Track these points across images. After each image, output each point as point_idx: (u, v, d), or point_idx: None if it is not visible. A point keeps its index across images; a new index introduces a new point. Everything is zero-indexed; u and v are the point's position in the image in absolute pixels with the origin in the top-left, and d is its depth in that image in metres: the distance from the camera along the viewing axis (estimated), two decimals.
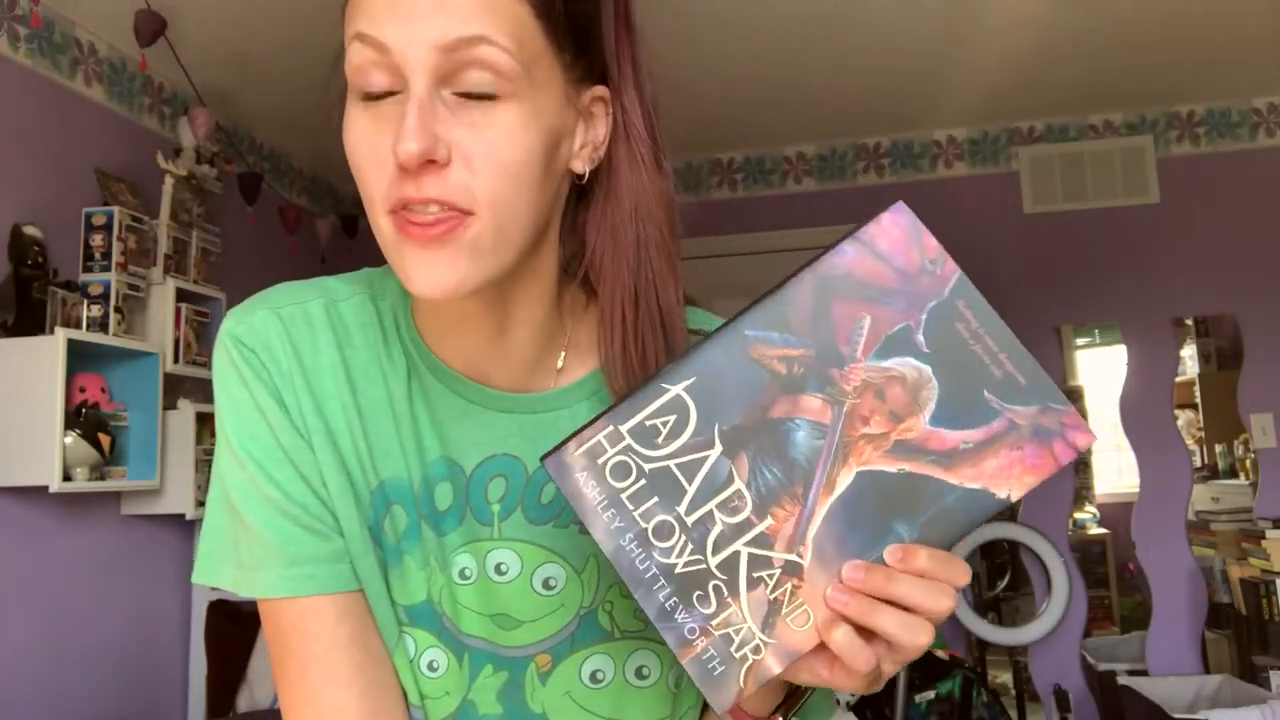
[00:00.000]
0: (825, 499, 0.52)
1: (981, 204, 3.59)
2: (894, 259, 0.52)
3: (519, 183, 0.57)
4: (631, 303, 0.63)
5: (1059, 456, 0.52)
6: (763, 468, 0.52)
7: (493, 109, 0.56)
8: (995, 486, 0.52)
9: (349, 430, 0.64)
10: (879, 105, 3.38)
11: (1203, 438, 3.69)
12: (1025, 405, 0.52)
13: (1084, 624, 3.42)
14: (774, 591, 0.52)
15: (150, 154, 2.58)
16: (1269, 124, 3.46)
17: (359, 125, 0.57)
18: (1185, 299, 3.44)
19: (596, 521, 0.52)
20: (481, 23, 0.55)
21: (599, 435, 0.52)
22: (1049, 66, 3.08)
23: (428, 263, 0.56)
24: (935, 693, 2.65)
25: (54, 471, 2.08)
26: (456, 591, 0.65)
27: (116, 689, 2.46)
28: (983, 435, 0.52)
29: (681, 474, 0.52)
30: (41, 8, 2.31)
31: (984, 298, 0.52)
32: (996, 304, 0.52)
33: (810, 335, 0.52)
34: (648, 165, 0.64)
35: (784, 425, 0.52)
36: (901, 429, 0.52)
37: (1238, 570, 3.23)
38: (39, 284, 2.18)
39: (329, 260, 3.43)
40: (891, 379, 0.52)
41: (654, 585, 0.52)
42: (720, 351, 0.52)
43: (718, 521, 0.52)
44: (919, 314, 0.52)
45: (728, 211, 3.74)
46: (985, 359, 0.52)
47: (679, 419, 0.52)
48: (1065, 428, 0.52)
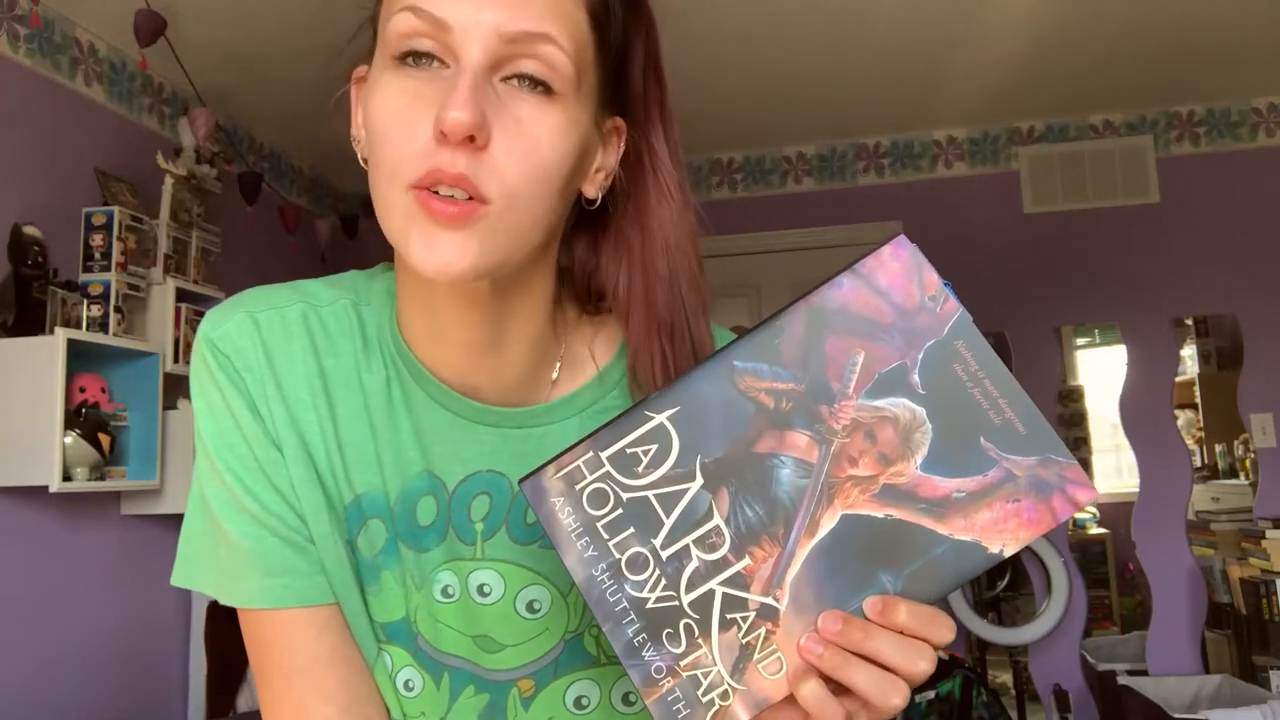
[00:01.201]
0: (807, 542, 0.50)
1: (981, 204, 3.59)
2: (892, 294, 0.50)
3: (545, 183, 0.56)
4: (668, 336, 0.63)
5: (1058, 512, 0.49)
6: (744, 504, 0.50)
7: (540, 105, 0.55)
8: (988, 540, 0.49)
9: (324, 442, 0.63)
10: (879, 105, 3.38)
11: (1203, 438, 3.69)
12: (1024, 455, 0.49)
13: (1084, 624, 3.42)
14: (746, 635, 0.49)
15: (150, 154, 2.58)
16: (1269, 124, 3.46)
17: (393, 90, 0.55)
18: (1185, 299, 3.44)
19: (570, 549, 0.50)
20: (550, 21, 0.55)
21: (578, 460, 0.51)
22: (1049, 66, 3.08)
23: (440, 243, 0.54)
24: (935, 692, 2.65)
25: (54, 471, 2.08)
26: (437, 610, 0.63)
27: (116, 689, 2.46)
28: (977, 485, 0.49)
29: (660, 505, 0.50)
30: (41, 8, 2.31)
31: (985, 339, 0.50)
32: (997, 304, 0.50)
33: (801, 369, 0.50)
34: (676, 201, 0.64)
35: (768, 461, 0.50)
36: (891, 473, 0.49)
37: (1238, 570, 3.24)
38: (39, 284, 2.18)
39: (329, 260, 3.42)
40: (883, 420, 0.50)
41: (624, 619, 0.50)
42: (707, 381, 0.50)
43: (694, 557, 0.50)
44: (915, 353, 0.50)
45: (728, 211, 3.74)
46: (984, 404, 0.50)
47: (661, 448, 0.50)
48: (1066, 481, 0.49)
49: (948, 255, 3.65)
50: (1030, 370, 3.47)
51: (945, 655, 2.77)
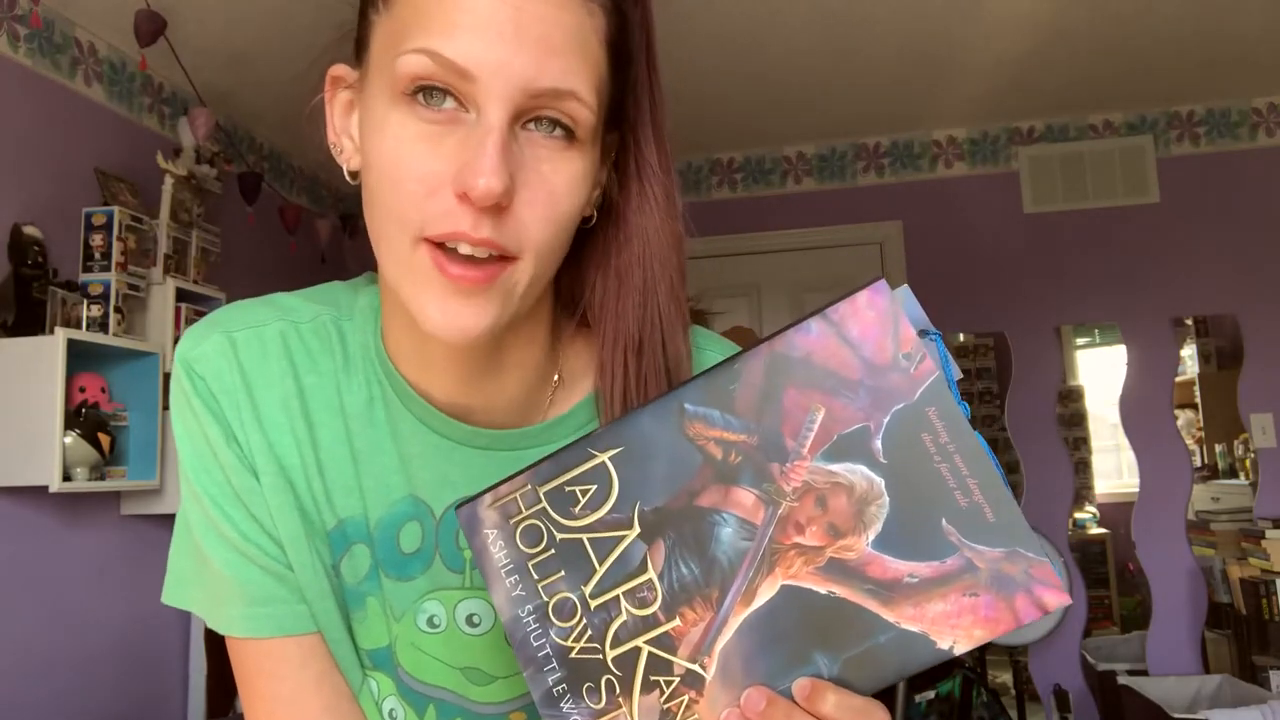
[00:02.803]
0: (742, 609, 0.46)
1: (981, 204, 3.59)
2: (863, 347, 0.45)
3: (564, 231, 0.54)
4: (635, 351, 0.59)
5: (1020, 614, 0.44)
6: (680, 561, 0.47)
7: (561, 153, 0.52)
8: (937, 634, 0.45)
9: (303, 467, 0.60)
10: (879, 105, 3.38)
11: (1203, 437, 3.69)
12: (989, 545, 0.44)
13: (1084, 624, 3.42)
14: (668, 701, 0.47)
15: (150, 154, 2.58)
16: (1269, 124, 3.46)
17: (407, 134, 0.51)
18: (1185, 299, 3.44)
19: (499, 585, 0.48)
20: (576, 76, 0.51)
21: (515, 493, 0.48)
22: (1049, 66, 3.08)
23: (458, 308, 0.51)
24: (935, 692, 2.65)
25: (54, 471, 2.08)
26: (421, 640, 0.61)
27: (116, 689, 2.46)
28: (932, 571, 0.45)
29: (593, 550, 0.47)
30: (41, 8, 2.31)
31: (960, 406, 0.45)
32: (997, 304, 0.47)
33: (755, 420, 0.46)
34: (660, 207, 0.60)
35: (710, 518, 0.46)
36: (840, 546, 0.45)
37: (1237, 570, 3.23)
38: (39, 284, 2.18)
39: (329, 260, 3.43)
40: (837, 486, 0.45)
41: (545, 666, 0.47)
42: (654, 422, 0.47)
43: (623, 610, 0.47)
44: (881, 415, 0.45)
45: (728, 211, 3.74)
46: (951, 481, 0.45)
47: (600, 489, 0.47)
48: (1033, 580, 0.44)
49: (948, 255, 3.67)
50: (1030, 370, 3.47)
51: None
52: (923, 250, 3.59)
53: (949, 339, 3.66)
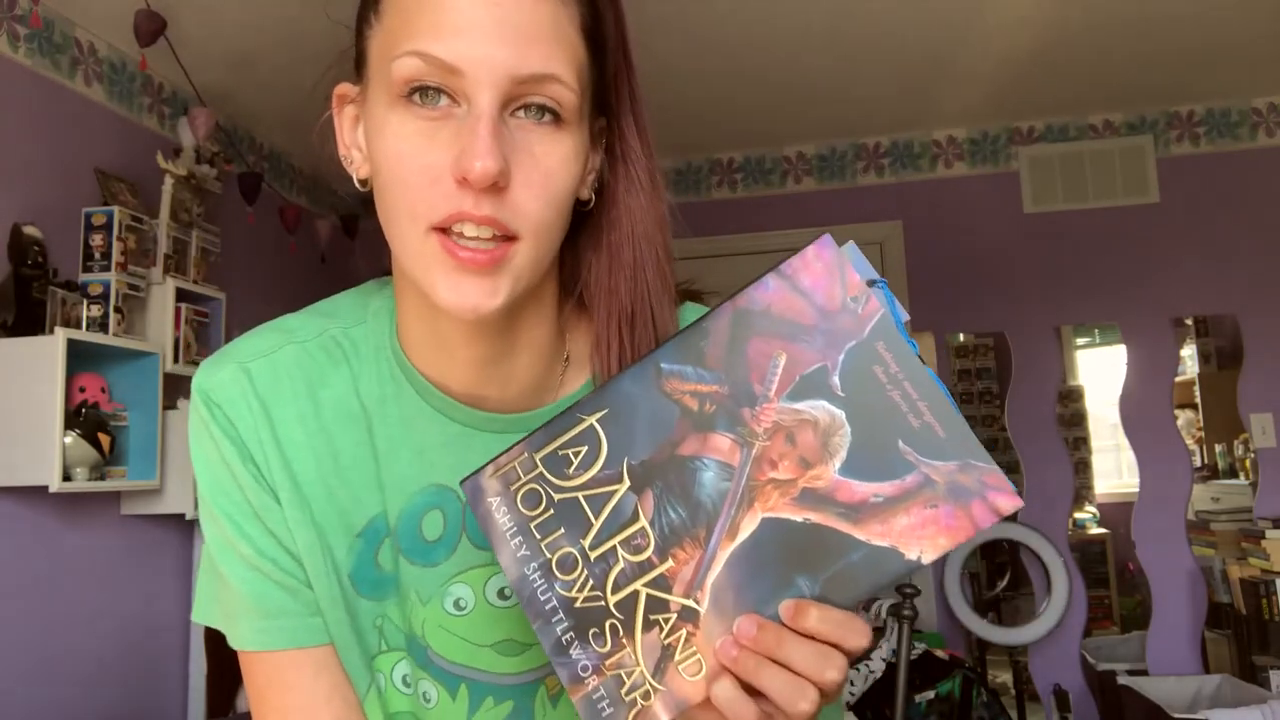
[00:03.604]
0: (727, 545, 0.50)
1: (981, 204, 3.59)
2: (815, 295, 0.50)
3: (561, 209, 0.58)
4: (629, 324, 0.63)
5: (977, 520, 0.48)
6: (668, 507, 0.51)
7: (550, 135, 0.56)
8: (905, 546, 0.49)
9: (322, 479, 0.64)
10: (879, 105, 3.38)
11: (1202, 437, 3.69)
12: (943, 460, 0.48)
13: (1084, 624, 3.42)
14: (668, 637, 0.50)
15: (150, 154, 2.58)
16: (1269, 124, 3.46)
17: (406, 131, 0.55)
18: (1185, 299, 3.44)
19: (504, 548, 0.52)
20: (556, 60, 0.55)
21: (514, 462, 0.52)
22: (1049, 66, 3.08)
23: (469, 287, 0.55)
24: (935, 692, 2.65)
25: (54, 471, 2.08)
26: (449, 623, 0.64)
27: (116, 689, 2.46)
28: (894, 490, 0.49)
29: (589, 507, 0.51)
30: (41, 8, 2.31)
31: (906, 339, 0.49)
32: (997, 304, 0.50)
33: (724, 372, 0.50)
34: (645, 188, 0.64)
35: (692, 464, 0.51)
36: (810, 476, 0.49)
37: (1237, 570, 3.23)
38: (39, 284, 2.18)
39: (329, 260, 3.42)
40: (803, 422, 0.49)
41: (553, 618, 0.51)
42: (634, 384, 0.51)
43: (620, 559, 0.51)
44: (836, 354, 0.49)
45: (728, 211, 3.74)
46: (903, 406, 0.49)
47: (590, 450, 0.52)
48: (986, 488, 0.48)
49: (948, 255, 3.68)
50: (1030, 370, 3.47)
51: (945, 655, 2.77)
52: (923, 250, 3.59)
53: (949, 339, 3.66)
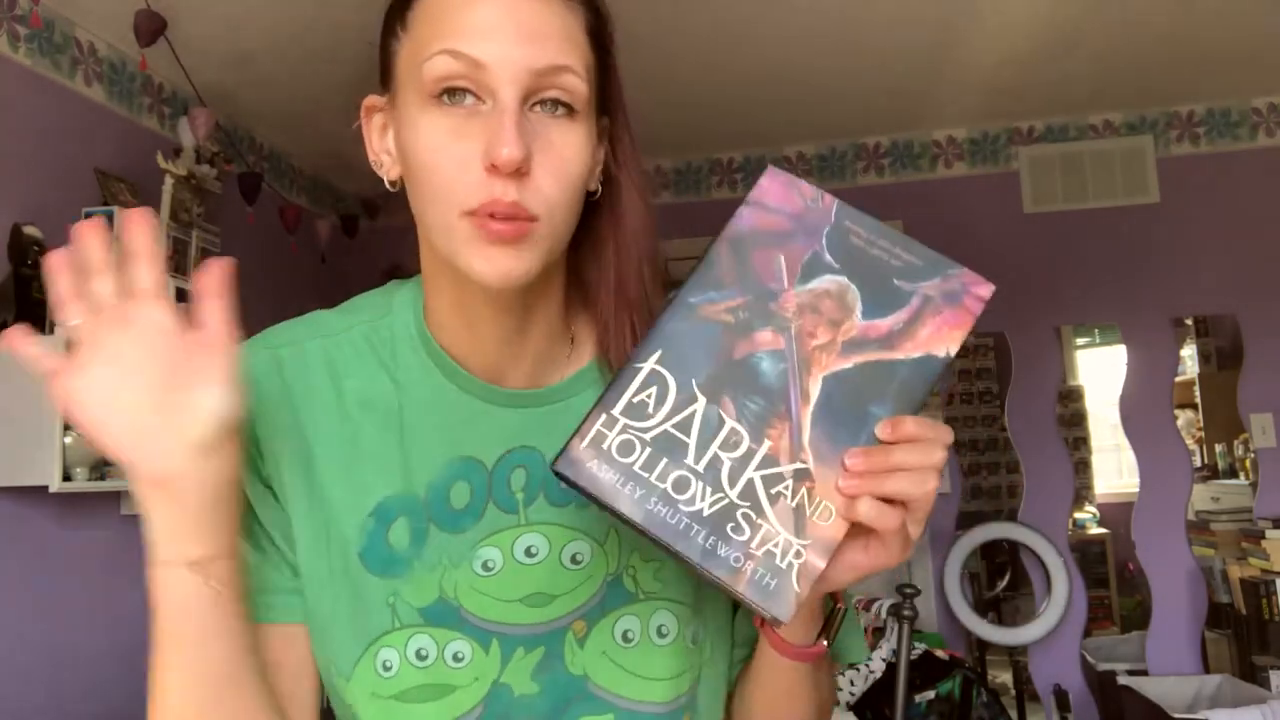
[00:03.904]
0: (806, 408, 0.58)
1: (981, 204, 3.59)
2: (783, 208, 0.61)
3: (574, 194, 0.65)
4: (636, 311, 0.70)
5: (971, 309, 0.60)
6: (745, 402, 0.58)
7: (566, 126, 0.64)
8: (934, 349, 0.59)
9: (338, 461, 0.69)
10: (879, 105, 3.38)
11: (1203, 437, 3.69)
12: (929, 280, 0.60)
13: (1084, 624, 3.42)
14: (794, 499, 0.57)
15: (150, 154, 2.58)
16: (1269, 124, 3.46)
17: (438, 127, 0.62)
18: (1185, 299, 3.44)
19: (620, 498, 0.57)
20: (568, 54, 0.63)
21: (596, 425, 0.58)
22: (1049, 66, 3.08)
23: (499, 256, 0.62)
24: (935, 693, 2.65)
25: (54, 471, 2.08)
26: (479, 583, 0.69)
27: (116, 689, 2.46)
28: (907, 314, 0.60)
29: (679, 432, 0.58)
30: (41, 8, 2.31)
31: (861, 210, 0.61)
32: (997, 304, 0.55)
33: (742, 285, 0.60)
34: (640, 190, 0.72)
35: (750, 361, 0.59)
36: (843, 331, 0.59)
37: (1237, 570, 3.24)
38: (39, 284, 2.18)
39: (329, 260, 3.42)
40: (820, 295, 0.60)
41: (690, 533, 0.56)
42: (674, 322, 0.59)
43: (724, 460, 0.57)
44: (819, 240, 0.61)
45: (728, 212, 3.71)
46: (884, 256, 0.61)
47: (660, 389, 0.58)
48: (967, 285, 0.60)
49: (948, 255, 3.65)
50: (1030, 370, 3.47)
51: (945, 655, 2.77)
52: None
53: None
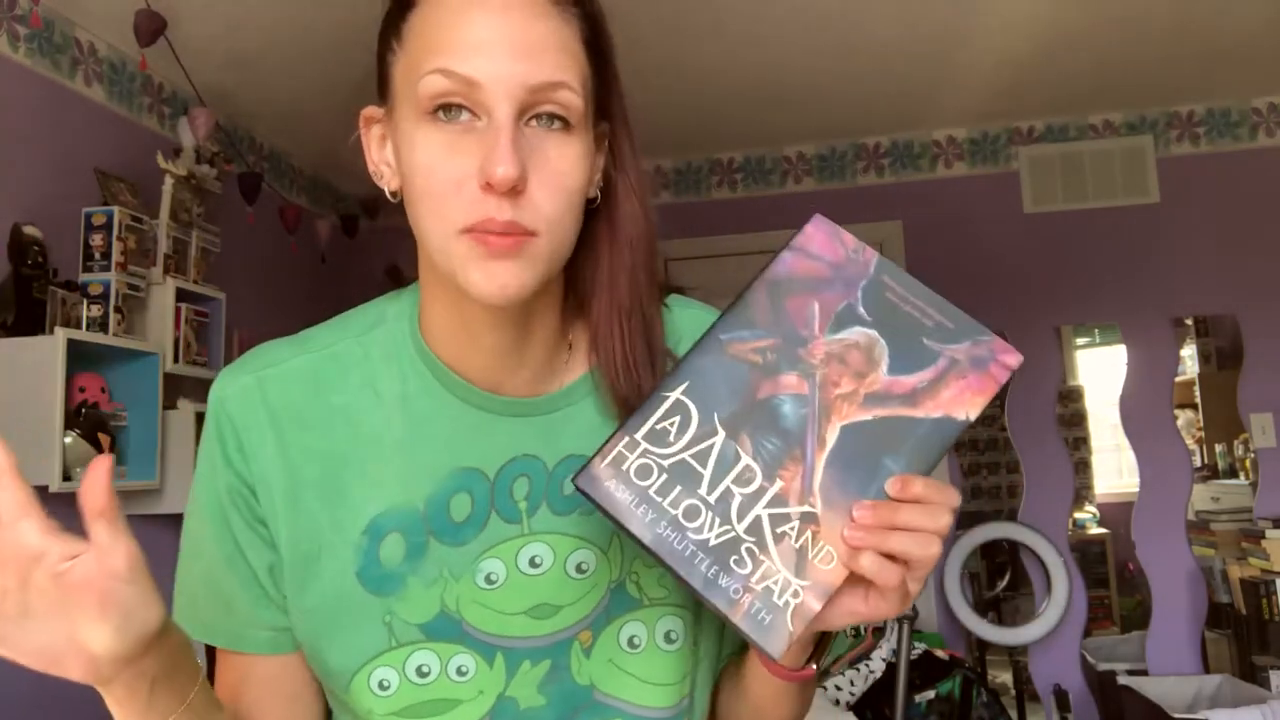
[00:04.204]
0: (821, 454, 0.60)
1: (981, 204, 3.59)
2: (824, 256, 0.62)
3: (572, 207, 0.64)
4: (627, 317, 0.70)
5: (997, 377, 0.61)
6: (762, 441, 0.60)
7: (562, 140, 0.63)
8: (955, 411, 0.60)
9: (327, 480, 0.69)
10: (879, 105, 3.38)
11: (1203, 437, 3.69)
12: (958, 343, 0.61)
13: (1084, 624, 3.42)
14: (798, 541, 0.59)
15: (150, 154, 2.58)
16: (1269, 124, 3.46)
17: (433, 144, 0.61)
18: (1185, 299, 3.44)
19: (632, 518, 0.59)
20: (563, 70, 0.62)
21: (619, 446, 0.60)
22: (1049, 66, 3.08)
23: (498, 271, 0.61)
24: (935, 693, 2.65)
25: (54, 471, 2.08)
26: (482, 596, 0.68)
27: None
28: (932, 374, 0.61)
29: (696, 462, 0.60)
30: (41, 8, 2.31)
31: (901, 268, 0.62)
32: (997, 304, 0.55)
33: (774, 327, 0.61)
34: (638, 192, 0.71)
35: (771, 403, 0.60)
36: (867, 383, 0.61)
37: (1238, 570, 3.23)
38: (39, 284, 2.18)
39: (329, 260, 3.42)
40: (848, 346, 0.61)
41: (694, 560, 0.58)
42: (704, 357, 0.61)
43: (736, 494, 0.59)
44: (855, 292, 0.62)
45: (728, 211, 3.74)
46: (917, 315, 0.62)
47: (683, 419, 0.60)
48: (995, 353, 0.61)
49: (948, 255, 3.67)
50: (1030, 370, 3.47)
51: (945, 655, 2.77)
52: (923, 250, 3.59)
53: None
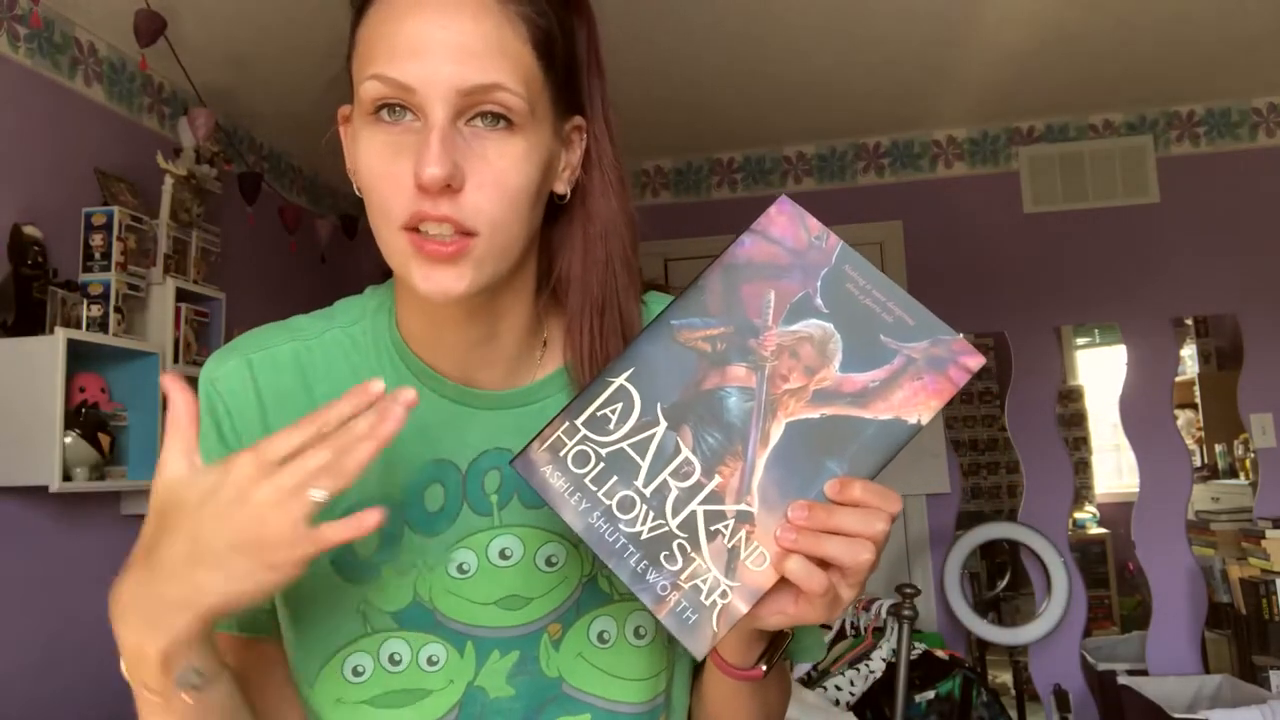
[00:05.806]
0: (762, 451, 0.58)
1: (981, 204, 3.59)
2: (785, 241, 0.59)
3: (518, 207, 0.63)
4: (599, 313, 0.70)
5: (955, 380, 0.58)
6: (704, 434, 0.58)
7: (502, 142, 0.62)
8: (906, 414, 0.58)
9: None
10: (879, 105, 3.38)
11: (1202, 437, 3.69)
12: (917, 341, 0.58)
13: (1084, 624, 3.42)
14: (731, 540, 0.57)
15: (150, 154, 2.58)
16: (1269, 124, 3.46)
17: (376, 144, 0.62)
18: (1185, 299, 3.44)
19: (565, 506, 0.58)
20: (499, 70, 0.61)
21: (557, 431, 0.58)
22: (1049, 66, 3.08)
23: (437, 273, 0.62)
24: (935, 693, 2.65)
25: (54, 471, 2.08)
26: (454, 586, 0.69)
27: (116, 689, 2.46)
28: (886, 373, 0.58)
29: (634, 452, 0.58)
30: (41, 8, 2.31)
31: (865, 258, 0.59)
32: (997, 304, 0.54)
33: (726, 315, 0.59)
34: (615, 189, 0.71)
35: (717, 394, 0.58)
36: (817, 380, 0.58)
37: (1237, 570, 3.23)
38: (39, 284, 2.18)
39: (329, 260, 3.43)
40: (801, 339, 0.58)
41: (624, 553, 0.57)
42: (651, 343, 0.59)
43: (672, 488, 0.58)
44: (814, 282, 0.59)
45: (728, 211, 3.74)
46: (876, 309, 0.58)
47: (625, 406, 0.58)
48: (956, 354, 0.58)
49: (948, 255, 3.67)
50: (1030, 370, 3.47)
51: (945, 655, 2.77)
52: (923, 250, 3.59)
53: None
